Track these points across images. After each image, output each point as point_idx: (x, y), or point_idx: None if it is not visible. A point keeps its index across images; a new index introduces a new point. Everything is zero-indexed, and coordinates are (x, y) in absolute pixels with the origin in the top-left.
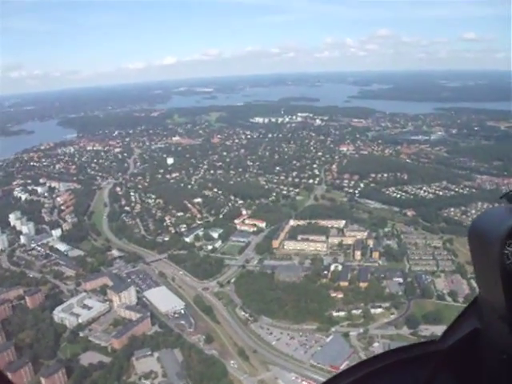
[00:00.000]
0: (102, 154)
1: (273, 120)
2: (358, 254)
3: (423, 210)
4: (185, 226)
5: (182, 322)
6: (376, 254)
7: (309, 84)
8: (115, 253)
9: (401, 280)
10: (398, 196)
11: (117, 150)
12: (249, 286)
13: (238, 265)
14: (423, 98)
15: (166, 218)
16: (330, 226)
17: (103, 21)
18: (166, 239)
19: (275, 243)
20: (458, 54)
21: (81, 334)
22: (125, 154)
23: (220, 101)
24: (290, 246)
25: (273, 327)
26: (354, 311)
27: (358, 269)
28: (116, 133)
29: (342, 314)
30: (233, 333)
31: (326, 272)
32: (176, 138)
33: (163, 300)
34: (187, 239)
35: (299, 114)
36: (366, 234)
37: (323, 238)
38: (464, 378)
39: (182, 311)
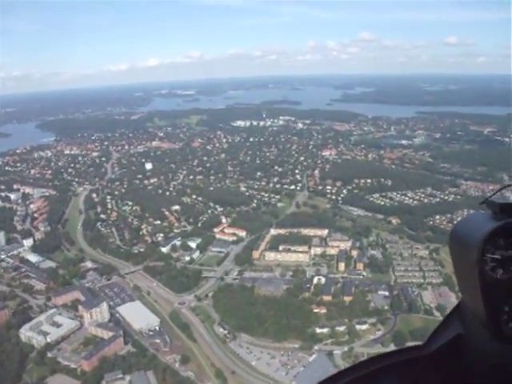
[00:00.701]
0: (80, 158)
1: (254, 123)
2: (341, 265)
3: (408, 218)
4: (162, 235)
5: (157, 340)
6: (360, 266)
7: (291, 87)
8: (89, 264)
9: (386, 293)
10: (382, 203)
11: (95, 154)
12: (227, 300)
13: (216, 277)
14: (405, 102)
15: (143, 227)
16: (312, 234)
17: (86, 22)
18: (142, 250)
19: (255, 254)
20: (440, 58)
21: (49, 355)
22: (103, 159)
23: (201, 103)
24: (271, 256)
25: (253, 346)
26: (338, 328)
27: (342, 281)
28: (95, 136)
29: (325, 330)
30: (210, 352)
31: (308, 285)
32: (156, 142)
33: (137, 316)
34: (164, 250)
35: (281, 118)
36: (349, 243)
37: (305, 248)
38: (448, 382)
39: (157, 328)
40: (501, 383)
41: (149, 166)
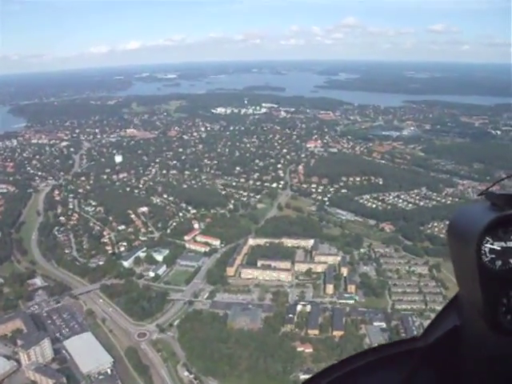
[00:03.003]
0: (47, 148)
1: (235, 111)
2: (329, 287)
3: (403, 225)
4: (125, 244)
5: None
6: (352, 287)
7: (274, 72)
8: (38, 282)
9: (383, 325)
10: (374, 206)
11: (64, 143)
12: (195, 333)
13: (184, 299)
14: (392, 90)
15: (105, 233)
16: (296, 245)
17: (67, 4)
18: (101, 263)
19: (230, 270)
20: (425, 45)
21: None
22: (71, 149)
23: (182, 88)
24: (248, 274)
25: None
26: None
27: (331, 309)
28: (68, 123)
29: None
30: None
31: (291, 315)
32: (130, 130)
33: (87, 354)
34: (126, 263)
35: (264, 105)
36: (338, 258)
37: (288, 264)
38: (444, 374)
39: (109, 371)
40: (498, 375)
41: (119, 158)
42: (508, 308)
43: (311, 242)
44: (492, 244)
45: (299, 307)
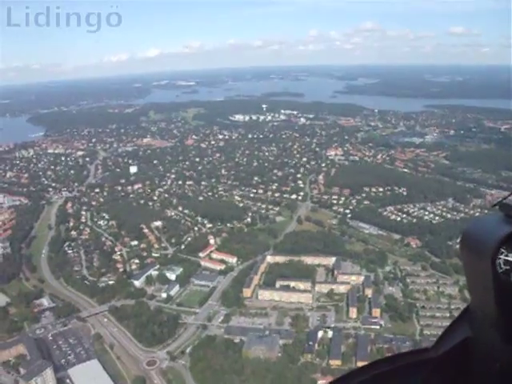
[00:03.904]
0: (63, 158)
1: (254, 118)
2: (353, 311)
3: (430, 239)
4: (137, 261)
5: None
6: (377, 311)
7: (293, 78)
8: (45, 302)
9: None
10: (398, 219)
11: (79, 153)
12: (208, 362)
13: (197, 323)
14: (412, 94)
15: (117, 249)
16: (316, 263)
17: (87, 12)
18: (111, 282)
19: (247, 292)
20: (444, 48)
21: None
22: (87, 159)
23: (201, 95)
24: (266, 295)
25: None
26: None
27: (354, 335)
28: (85, 131)
29: None
30: None
31: (311, 342)
32: (147, 139)
33: None
34: (137, 283)
35: (282, 112)
36: (362, 277)
37: (308, 284)
38: None
39: None
40: None
41: (134, 169)
42: None
43: (333, 259)
44: (507, 256)
45: (320, 333)
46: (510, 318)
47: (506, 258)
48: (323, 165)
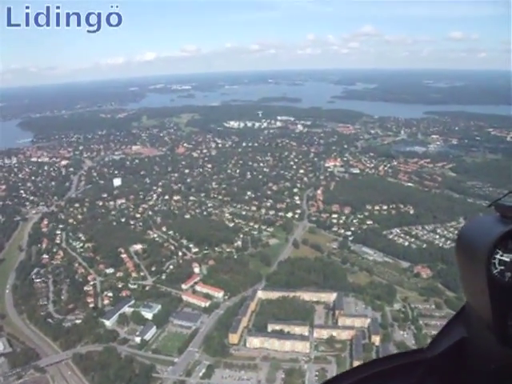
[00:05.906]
0: (46, 167)
1: (249, 125)
2: (357, 364)
3: (442, 269)
4: (111, 294)
5: None
6: None
7: (290, 82)
8: (0, 345)
9: None
10: (406, 243)
11: (64, 162)
12: None
13: (174, 378)
14: (411, 100)
15: (90, 278)
16: (315, 300)
17: (84, 15)
18: (78, 321)
19: (234, 337)
20: (443, 53)
21: None
22: (71, 169)
23: (196, 100)
24: (256, 343)
25: None
26: None
27: None
28: (74, 138)
29: None
30: None
31: None
32: (136, 147)
33: None
34: (108, 322)
35: (279, 118)
36: (368, 320)
37: (305, 328)
38: None
39: None
40: None
41: (117, 182)
42: None
43: (333, 295)
44: (502, 256)
45: None
46: (505, 318)
47: (501, 258)
48: (322, 178)
